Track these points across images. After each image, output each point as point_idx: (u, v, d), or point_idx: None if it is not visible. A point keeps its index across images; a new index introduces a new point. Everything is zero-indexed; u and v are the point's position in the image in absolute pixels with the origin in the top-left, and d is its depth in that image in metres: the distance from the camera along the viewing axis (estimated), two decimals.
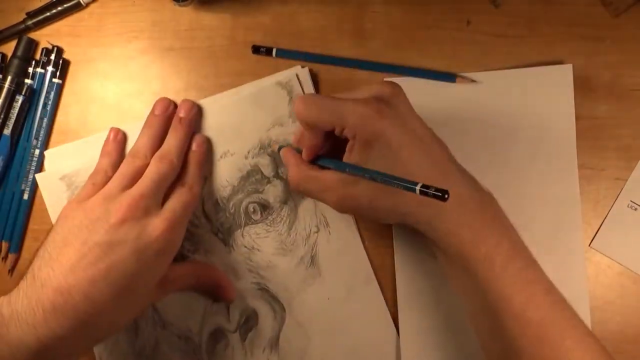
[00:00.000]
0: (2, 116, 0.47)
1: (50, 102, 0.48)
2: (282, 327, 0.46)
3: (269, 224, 0.47)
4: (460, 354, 0.46)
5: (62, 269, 0.37)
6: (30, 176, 0.48)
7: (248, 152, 0.47)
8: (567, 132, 0.47)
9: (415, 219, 0.39)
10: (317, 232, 0.47)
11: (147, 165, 0.43)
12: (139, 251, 0.38)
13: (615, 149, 0.47)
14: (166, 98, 0.47)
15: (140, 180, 0.42)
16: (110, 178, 0.43)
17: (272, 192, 0.47)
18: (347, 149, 0.39)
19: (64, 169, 0.47)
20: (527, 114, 0.47)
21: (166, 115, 0.46)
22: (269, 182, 0.47)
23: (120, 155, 0.46)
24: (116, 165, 0.44)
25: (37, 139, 0.48)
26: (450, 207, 0.37)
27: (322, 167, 0.42)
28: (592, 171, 0.47)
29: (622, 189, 0.47)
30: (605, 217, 0.47)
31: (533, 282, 0.37)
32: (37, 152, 0.48)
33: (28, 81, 0.48)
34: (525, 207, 0.46)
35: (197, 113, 0.47)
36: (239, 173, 0.47)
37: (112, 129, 0.47)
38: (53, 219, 0.47)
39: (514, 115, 0.47)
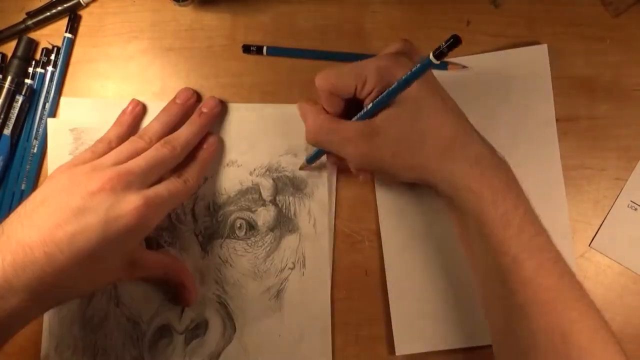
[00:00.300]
0: (2, 116, 0.47)
1: (50, 102, 0.48)
2: (227, 346, 0.46)
3: (249, 244, 0.47)
4: (453, 333, 0.46)
5: (30, 226, 0.37)
6: (30, 176, 0.48)
7: (254, 170, 0.47)
8: (546, 110, 0.47)
9: (435, 175, 0.39)
10: (292, 268, 0.47)
11: (148, 148, 0.43)
12: (108, 222, 0.38)
13: (615, 149, 0.47)
14: (190, 88, 0.47)
15: (134, 159, 0.41)
16: (112, 150, 0.43)
17: (263, 216, 0.47)
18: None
19: (77, 122, 0.47)
20: (508, 94, 0.47)
21: (186, 105, 0.46)
22: (263, 204, 0.47)
23: (132, 129, 0.46)
24: (123, 138, 0.44)
25: (37, 139, 0.48)
26: (472, 164, 0.38)
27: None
28: (592, 171, 0.47)
29: (622, 189, 0.47)
30: (605, 217, 0.47)
31: (545, 249, 0.37)
32: (36, 152, 0.48)
33: (28, 81, 0.48)
34: None
35: (219, 113, 0.47)
36: (238, 186, 0.47)
37: (132, 100, 0.47)
38: (50, 167, 0.47)
39: (494, 96, 0.47)
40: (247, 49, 0.48)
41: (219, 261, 0.47)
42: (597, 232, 0.47)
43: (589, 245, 0.47)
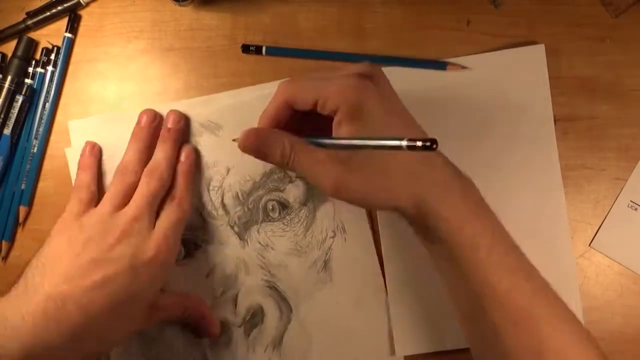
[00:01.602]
0: (2, 116, 0.47)
1: (50, 102, 0.48)
2: (287, 328, 0.46)
3: (286, 223, 0.47)
4: (452, 336, 0.46)
5: (56, 279, 0.37)
6: (30, 176, 0.48)
7: None
8: (544, 109, 0.47)
9: (404, 201, 0.37)
10: (333, 237, 0.47)
11: (137, 180, 0.43)
12: (134, 269, 0.39)
13: (615, 149, 0.47)
14: (151, 110, 0.47)
15: (132, 200, 0.42)
16: (94, 193, 0.44)
17: (293, 192, 0.47)
18: (333, 125, 0.38)
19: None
20: (506, 94, 0.47)
21: (152, 126, 0.46)
22: (290, 181, 0.47)
23: (98, 168, 0.46)
24: (96, 179, 0.45)
25: (37, 139, 0.48)
26: (440, 189, 0.37)
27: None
28: (592, 171, 0.47)
29: (622, 189, 0.47)
30: (605, 217, 0.47)
31: (516, 268, 0.37)
32: (36, 152, 0.48)
33: (28, 81, 0.48)
34: (506, 188, 0.47)
35: (185, 124, 0.47)
36: (262, 169, 0.47)
37: (87, 142, 0.47)
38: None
39: (492, 96, 0.47)
40: (246, 48, 0.48)
41: (260, 246, 0.47)
42: (597, 232, 0.47)
43: (589, 245, 0.47)
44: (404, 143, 0.30)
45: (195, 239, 0.47)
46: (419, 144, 0.29)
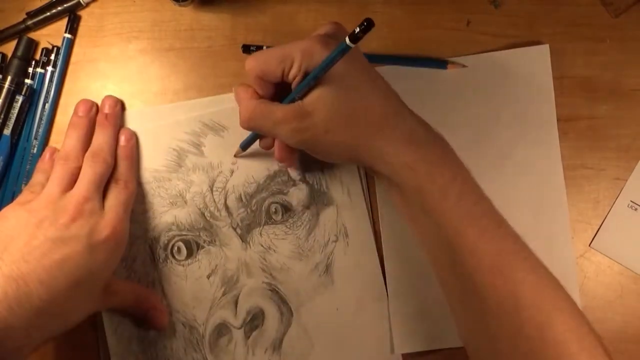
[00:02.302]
0: (2, 116, 0.47)
1: (50, 103, 0.48)
2: (287, 331, 0.46)
3: (288, 226, 0.47)
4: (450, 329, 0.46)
5: (13, 259, 0.37)
6: (30, 176, 0.48)
7: None
8: (548, 110, 0.47)
9: (368, 155, 0.39)
10: (335, 241, 0.47)
11: (79, 166, 0.43)
12: (92, 247, 0.39)
13: (615, 149, 0.47)
14: (88, 100, 0.47)
15: (78, 182, 0.42)
16: (42, 184, 0.43)
17: (296, 196, 0.47)
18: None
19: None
20: (509, 94, 0.47)
21: (90, 116, 0.46)
22: (294, 184, 0.47)
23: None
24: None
25: (37, 139, 0.48)
26: (405, 141, 0.38)
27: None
28: (592, 171, 0.47)
29: (622, 189, 0.47)
30: (605, 217, 0.47)
31: (485, 215, 0.38)
32: (36, 152, 0.48)
33: (28, 81, 0.48)
34: (508, 189, 0.47)
35: (121, 108, 0.47)
36: (266, 172, 0.47)
37: (48, 148, 0.47)
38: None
39: (496, 96, 0.47)
40: (246, 48, 0.48)
41: (262, 249, 0.47)
42: (597, 232, 0.47)
43: (589, 245, 0.47)
44: (347, 41, 0.32)
45: (197, 239, 0.47)
46: (357, 30, 0.31)
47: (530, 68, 0.47)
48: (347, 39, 0.32)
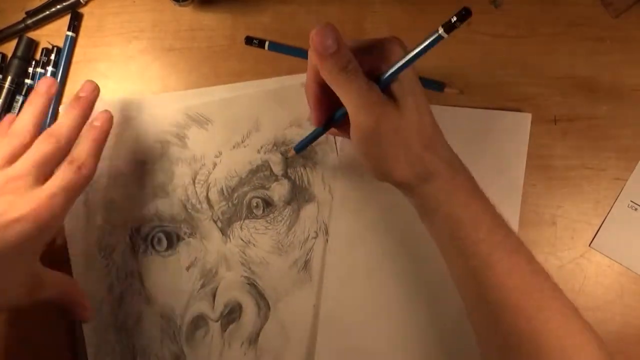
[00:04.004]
0: (2, 116, 0.47)
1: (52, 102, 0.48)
2: (264, 325, 0.46)
3: (269, 221, 0.47)
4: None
5: None
6: None
7: (261, 147, 0.47)
8: (517, 172, 0.47)
9: (412, 168, 0.38)
10: (315, 237, 0.47)
11: (26, 144, 0.41)
12: (5, 227, 0.36)
13: (615, 149, 0.47)
14: (50, 77, 0.44)
15: (19, 160, 0.40)
16: None
17: (278, 191, 0.47)
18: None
19: None
20: (484, 152, 0.47)
21: (49, 94, 0.43)
22: (276, 180, 0.47)
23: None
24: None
25: None
26: (447, 165, 0.38)
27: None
28: (592, 171, 0.47)
29: (622, 189, 0.47)
30: (605, 217, 0.47)
31: (516, 250, 0.37)
32: None
33: (28, 81, 0.48)
34: None
35: (97, 96, 0.44)
36: (248, 166, 0.47)
37: (7, 116, 0.44)
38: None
39: (469, 151, 0.44)
40: (249, 40, 0.48)
41: (242, 243, 0.47)
42: (597, 232, 0.47)
43: (589, 245, 0.47)
44: (440, 31, 0.31)
45: (178, 231, 0.47)
46: (455, 19, 0.30)
47: (509, 133, 0.47)
48: (440, 29, 0.31)
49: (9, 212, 0.37)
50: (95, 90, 0.44)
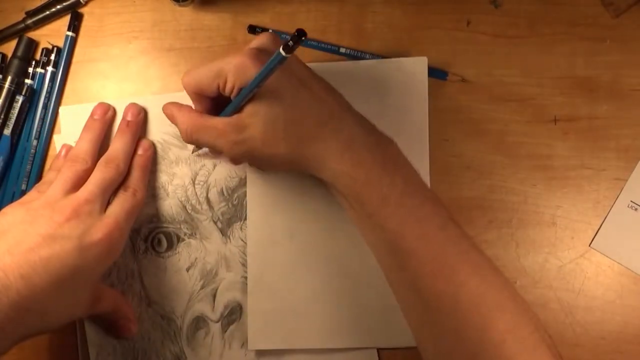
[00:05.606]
0: (2, 116, 0.47)
1: (50, 102, 0.48)
2: None
3: None
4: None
5: None
6: (31, 176, 0.48)
7: None
8: (420, 116, 0.46)
9: (306, 163, 0.39)
10: None
11: (88, 169, 0.43)
12: (82, 249, 0.39)
13: (615, 149, 0.47)
14: (105, 103, 0.47)
15: (85, 185, 0.42)
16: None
17: None
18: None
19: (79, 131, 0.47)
20: (387, 101, 0.46)
21: (105, 118, 0.46)
22: None
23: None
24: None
25: (37, 139, 0.48)
26: (343, 148, 0.38)
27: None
28: (592, 171, 0.47)
29: (622, 189, 0.47)
30: (605, 217, 0.47)
31: (427, 218, 0.38)
32: (37, 152, 0.48)
33: (28, 81, 0.48)
34: None
35: (144, 117, 0.47)
36: (248, 166, 0.47)
37: (63, 145, 0.47)
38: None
39: (371, 103, 0.46)
40: (252, 29, 0.48)
41: (242, 243, 0.47)
42: (597, 232, 0.47)
43: (589, 246, 0.47)
44: (281, 52, 0.32)
45: (178, 232, 0.47)
46: (290, 43, 0.31)
47: (408, 78, 0.47)
48: (282, 50, 0.32)
49: (88, 235, 0.39)
50: (141, 113, 0.47)
